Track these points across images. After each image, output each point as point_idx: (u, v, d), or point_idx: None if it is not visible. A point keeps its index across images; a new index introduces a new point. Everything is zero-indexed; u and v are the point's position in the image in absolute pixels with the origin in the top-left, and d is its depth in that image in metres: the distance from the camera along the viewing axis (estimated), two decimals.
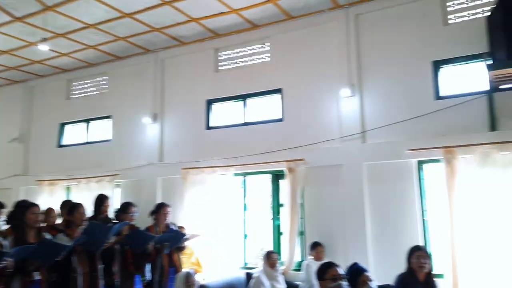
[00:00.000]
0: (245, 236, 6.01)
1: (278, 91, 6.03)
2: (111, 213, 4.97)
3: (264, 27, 6.15)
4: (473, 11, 4.93)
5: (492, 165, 4.43)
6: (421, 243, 4.65)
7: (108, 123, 7.39)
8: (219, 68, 6.61)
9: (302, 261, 5.34)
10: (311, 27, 5.86)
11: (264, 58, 6.28)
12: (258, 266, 5.23)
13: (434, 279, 3.44)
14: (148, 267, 4.38)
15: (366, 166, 5.21)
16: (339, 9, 5.61)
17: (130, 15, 5.70)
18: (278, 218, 5.79)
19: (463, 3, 4.99)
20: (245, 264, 5.89)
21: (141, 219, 4.78)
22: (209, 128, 6.51)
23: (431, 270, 3.43)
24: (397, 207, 4.96)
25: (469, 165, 4.54)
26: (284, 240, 5.47)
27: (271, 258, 4.84)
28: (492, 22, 4.54)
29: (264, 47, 6.28)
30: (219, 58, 6.63)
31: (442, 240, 4.57)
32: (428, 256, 3.48)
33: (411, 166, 4.98)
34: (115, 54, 7.08)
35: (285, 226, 5.47)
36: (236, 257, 5.77)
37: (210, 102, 6.58)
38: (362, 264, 3.52)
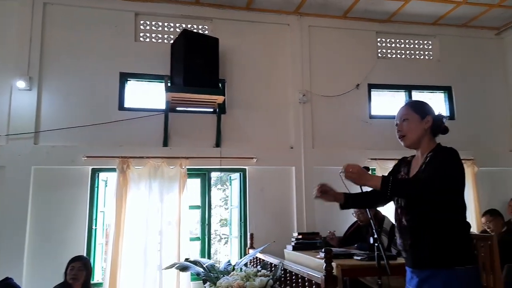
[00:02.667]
0: None
1: None
2: None
3: None
4: (161, 35, 5.37)
5: (161, 177, 4.83)
6: (85, 253, 4.53)
7: None
8: None
9: None
10: None
11: None
12: None
13: None
14: None
15: (35, 170, 4.64)
16: None
17: None
18: None
19: (153, 25, 5.37)
20: None
21: None
22: None
23: (88, 279, 3.35)
24: (66, 216, 4.63)
25: (140, 176, 4.79)
26: None
27: None
28: (175, 50, 5.09)
29: None
30: None
31: (108, 248, 4.56)
32: (86, 265, 3.42)
33: (85, 173, 4.79)
34: None
35: None
36: None
37: None
38: (16, 279, 3.07)
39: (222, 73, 5.21)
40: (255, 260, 4.31)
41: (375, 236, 2.22)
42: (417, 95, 5.98)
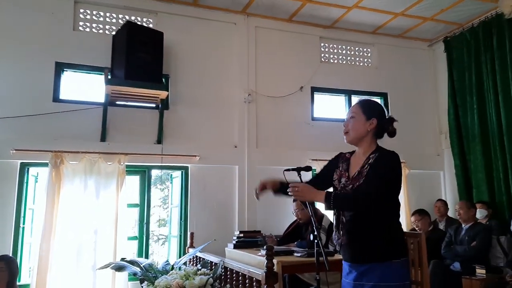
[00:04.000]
0: None
1: None
2: None
3: None
4: (102, 26, 5.14)
5: (97, 174, 4.62)
6: (11, 253, 4.23)
7: None
8: None
9: None
10: None
11: None
12: None
13: None
14: None
15: None
16: None
17: None
18: None
19: (94, 15, 5.12)
20: None
21: None
22: None
23: (13, 280, 3.15)
24: None
25: (75, 171, 4.54)
26: None
27: None
28: (117, 41, 4.89)
29: None
30: None
31: (37, 247, 4.27)
32: (9, 265, 3.24)
33: (14, 168, 4.46)
34: None
35: None
36: None
37: None
38: None
39: (166, 68, 5.09)
40: (195, 259, 4.25)
41: (315, 233, 2.28)
42: (356, 100, 6.23)
